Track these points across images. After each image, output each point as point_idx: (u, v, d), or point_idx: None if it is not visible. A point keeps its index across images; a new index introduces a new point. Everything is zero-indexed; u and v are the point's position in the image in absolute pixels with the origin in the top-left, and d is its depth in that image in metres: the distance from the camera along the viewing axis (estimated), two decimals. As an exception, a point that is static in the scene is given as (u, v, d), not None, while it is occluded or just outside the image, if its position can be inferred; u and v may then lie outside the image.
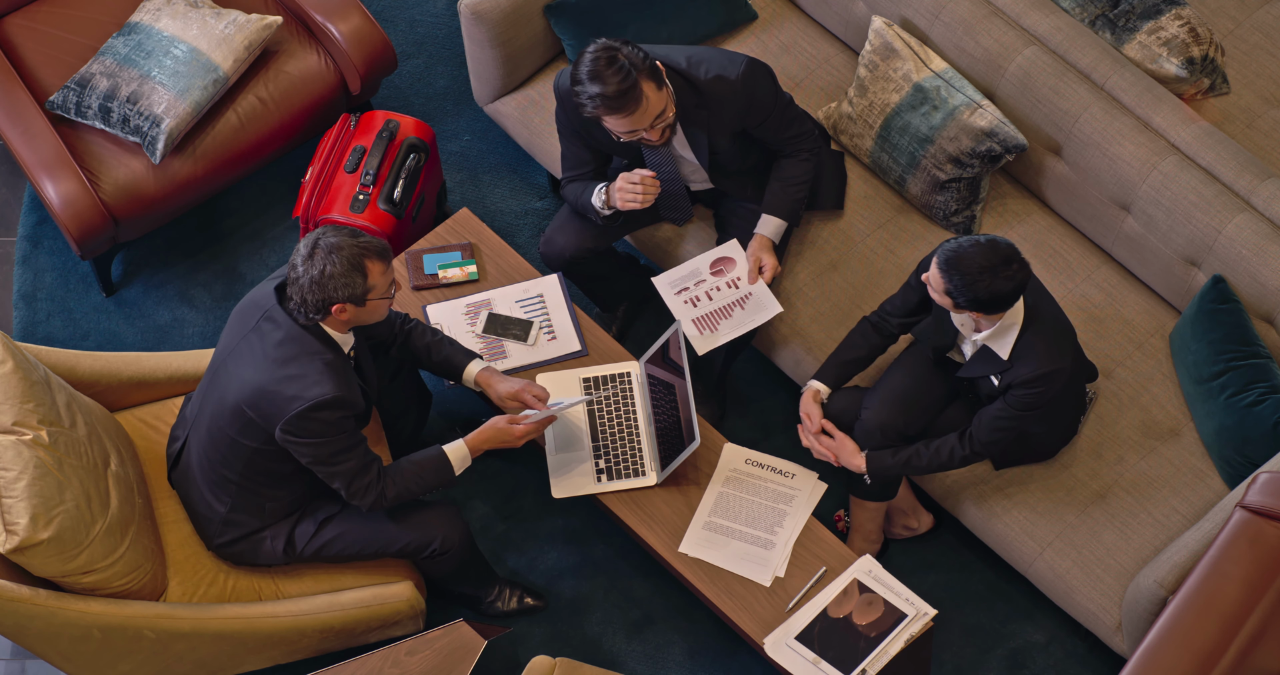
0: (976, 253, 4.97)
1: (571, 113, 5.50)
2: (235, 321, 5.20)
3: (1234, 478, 5.45)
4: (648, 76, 5.28)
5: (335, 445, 5.10)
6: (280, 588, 5.45)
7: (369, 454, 5.18)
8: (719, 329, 5.59)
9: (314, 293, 4.98)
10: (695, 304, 5.64)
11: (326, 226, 5.03)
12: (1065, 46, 5.67)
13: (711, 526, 5.40)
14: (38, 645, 5.18)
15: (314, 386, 5.02)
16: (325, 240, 4.98)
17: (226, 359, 5.16)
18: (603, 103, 5.26)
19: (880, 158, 5.86)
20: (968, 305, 5.03)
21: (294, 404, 5.02)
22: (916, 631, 5.21)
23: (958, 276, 4.98)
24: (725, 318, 5.61)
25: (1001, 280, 4.97)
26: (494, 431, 5.32)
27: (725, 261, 5.68)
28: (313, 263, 4.97)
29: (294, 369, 5.03)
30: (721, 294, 5.64)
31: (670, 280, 5.68)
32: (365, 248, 4.99)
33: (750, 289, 5.62)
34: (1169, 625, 4.67)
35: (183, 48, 6.05)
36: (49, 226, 6.48)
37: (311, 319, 5.05)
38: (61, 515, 5.05)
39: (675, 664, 5.76)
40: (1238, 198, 5.47)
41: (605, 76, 5.23)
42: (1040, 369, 5.14)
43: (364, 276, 4.99)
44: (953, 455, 5.33)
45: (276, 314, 5.07)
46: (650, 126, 5.36)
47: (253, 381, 5.06)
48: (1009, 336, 5.16)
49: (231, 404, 5.11)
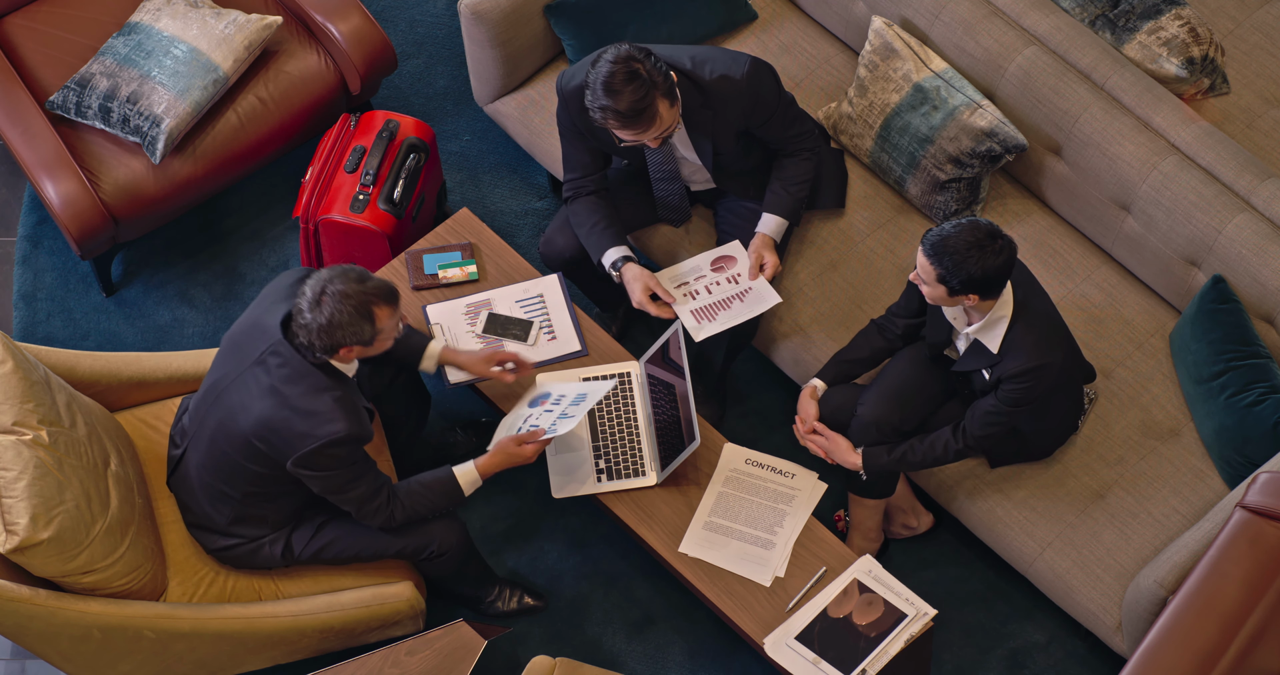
0: (960, 232, 4.98)
1: (575, 114, 5.49)
2: (234, 350, 5.16)
3: (1234, 478, 5.45)
4: (664, 94, 5.24)
5: (346, 476, 5.12)
6: (280, 588, 5.45)
7: (378, 478, 5.19)
8: (717, 318, 5.59)
9: (322, 338, 4.96)
10: (694, 297, 5.64)
11: (334, 271, 4.98)
12: (1065, 46, 5.67)
13: (711, 526, 5.40)
14: (38, 645, 5.18)
15: (326, 424, 5.02)
16: (332, 287, 4.94)
17: (229, 387, 5.14)
18: (614, 117, 5.24)
19: (880, 158, 5.86)
20: (962, 287, 5.02)
21: (306, 441, 5.02)
22: (916, 631, 5.21)
23: (948, 258, 4.98)
24: (724, 309, 5.61)
25: (990, 255, 4.97)
26: (505, 456, 5.31)
27: (726, 259, 5.68)
28: (320, 310, 4.94)
29: (304, 404, 5.02)
30: (721, 288, 5.64)
31: (670, 275, 5.68)
32: (373, 294, 4.96)
33: (750, 284, 5.62)
34: (1169, 625, 4.67)
35: (183, 48, 6.05)
36: (49, 226, 6.48)
37: (320, 358, 5.04)
38: (61, 515, 5.04)
39: (675, 664, 5.76)
40: (1238, 198, 5.47)
41: (622, 92, 5.20)
42: (1028, 363, 5.14)
43: (372, 323, 4.98)
44: (947, 449, 5.34)
45: (283, 349, 5.04)
46: (654, 137, 5.36)
47: (262, 415, 5.05)
48: (998, 329, 5.17)
49: (240, 434, 5.10)
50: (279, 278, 5.23)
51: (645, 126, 5.26)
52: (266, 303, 5.16)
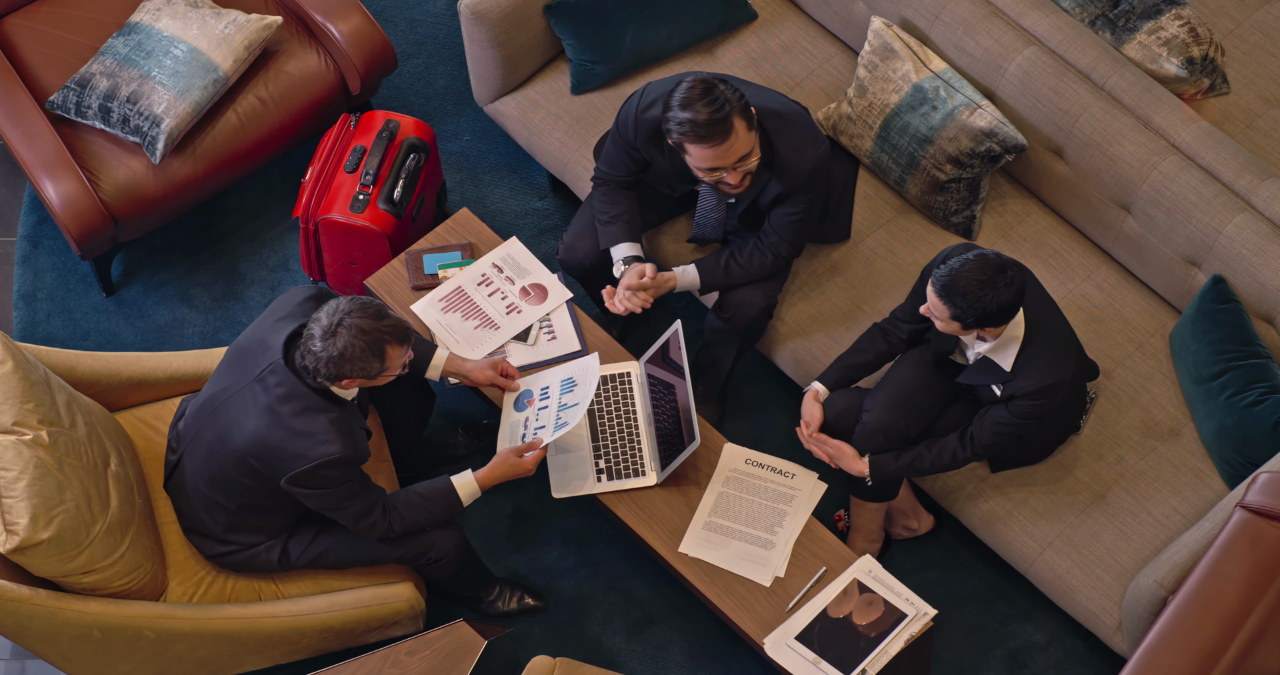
0: (970, 270, 4.96)
1: (641, 141, 5.44)
2: (237, 362, 5.16)
3: (1234, 478, 5.45)
4: (740, 114, 5.22)
5: (340, 495, 5.13)
6: (280, 588, 5.45)
7: (373, 493, 5.19)
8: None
9: (329, 367, 4.96)
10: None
11: (354, 303, 4.96)
12: (1065, 46, 5.67)
13: (711, 526, 5.40)
14: (38, 645, 5.18)
15: (321, 445, 5.02)
16: (350, 320, 4.93)
17: (227, 400, 5.14)
18: (691, 129, 5.19)
19: (880, 158, 5.86)
20: (977, 323, 5.03)
21: (300, 462, 5.03)
22: (916, 631, 5.21)
23: (960, 299, 4.98)
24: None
25: (1003, 290, 4.97)
26: (505, 468, 5.31)
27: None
28: (334, 342, 4.93)
29: (300, 425, 5.02)
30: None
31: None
32: (388, 333, 4.95)
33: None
34: (1169, 625, 4.67)
35: (183, 48, 6.05)
36: (49, 226, 6.48)
37: (320, 384, 5.04)
38: (62, 515, 5.05)
39: (675, 664, 5.76)
40: (1238, 198, 5.47)
41: (697, 106, 5.18)
42: (1043, 381, 5.14)
43: (381, 361, 4.98)
44: (954, 457, 5.34)
45: (281, 370, 5.04)
46: (734, 167, 5.29)
47: (258, 433, 5.05)
48: (1011, 349, 5.16)
49: (235, 450, 5.10)
50: (290, 293, 5.23)
51: (721, 141, 5.19)
52: (274, 318, 5.16)
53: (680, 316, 6.19)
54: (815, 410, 5.47)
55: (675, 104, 5.22)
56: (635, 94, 5.49)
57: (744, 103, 5.24)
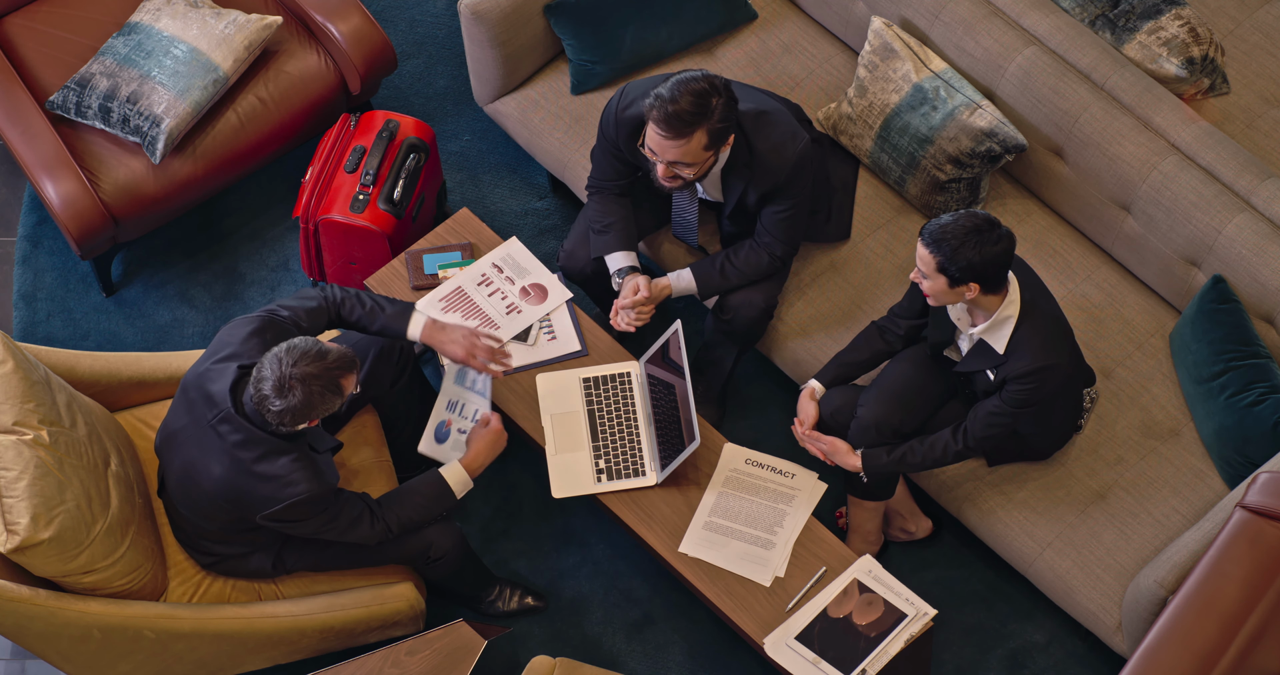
0: (957, 220, 4.97)
1: (622, 140, 5.45)
2: (188, 402, 5.11)
3: (1234, 478, 5.45)
4: (709, 132, 5.21)
5: (322, 520, 5.13)
6: (280, 588, 5.45)
7: (355, 506, 5.17)
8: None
9: (294, 417, 4.93)
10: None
11: (290, 351, 4.89)
12: (1065, 46, 5.67)
13: (711, 526, 5.40)
14: (38, 645, 5.18)
15: (288, 487, 5.01)
16: (295, 371, 4.87)
17: (186, 441, 5.10)
18: (660, 108, 5.18)
19: (880, 158, 5.86)
20: (962, 275, 4.99)
21: (271, 504, 5.04)
22: (916, 631, 5.21)
23: (946, 245, 4.96)
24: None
25: (989, 242, 4.95)
26: (483, 444, 5.32)
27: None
28: (291, 396, 4.88)
29: (263, 469, 5.01)
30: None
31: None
32: (336, 368, 4.92)
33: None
34: (1169, 625, 4.67)
35: (183, 48, 6.05)
36: (49, 226, 6.48)
37: (281, 431, 5.01)
38: (62, 515, 5.05)
39: (675, 664, 5.76)
40: (1238, 198, 5.47)
41: (684, 96, 5.17)
42: (1035, 363, 5.14)
43: (340, 394, 4.97)
44: (946, 451, 5.33)
45: (233, 419, 5.00)
46: (667, 162, 5.30)
47: (224, 478, 5.04)
48: (1004, 329, 5.16)
49: (207, 491, 5.10)
50: (233, 325, 5.15)
51: (674, 137, 5.20)
52: (215, 357, 5.10)
53: (680, 316, 6.19)
54: (810, 408, 5.48)
55: (671, 81, 5.22)
56: (615, 95, 5.50)
57: (723, 128, 5.23)
